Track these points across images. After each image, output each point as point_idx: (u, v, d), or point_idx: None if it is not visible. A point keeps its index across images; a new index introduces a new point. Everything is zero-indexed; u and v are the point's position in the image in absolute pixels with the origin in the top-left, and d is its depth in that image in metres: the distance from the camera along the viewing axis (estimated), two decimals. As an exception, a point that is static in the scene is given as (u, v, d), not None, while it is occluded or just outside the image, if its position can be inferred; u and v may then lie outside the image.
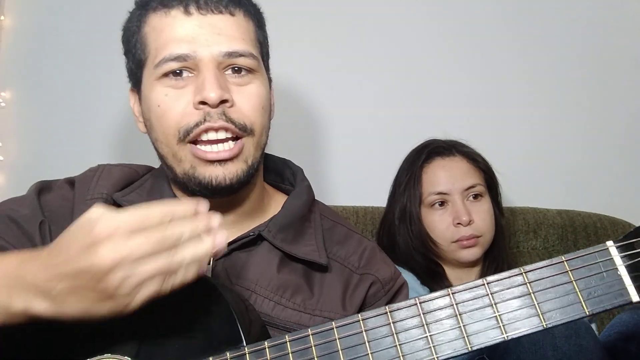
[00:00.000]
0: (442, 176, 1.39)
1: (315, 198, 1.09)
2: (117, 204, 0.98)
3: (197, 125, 0.89)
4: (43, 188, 0.99)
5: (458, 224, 1.35)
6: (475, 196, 1.39)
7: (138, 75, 0.96)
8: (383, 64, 1.74)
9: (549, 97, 1.75)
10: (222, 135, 0.90)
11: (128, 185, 1.02)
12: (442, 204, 1.39)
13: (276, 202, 1.05)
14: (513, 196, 1.65)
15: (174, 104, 0.90)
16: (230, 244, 0.94)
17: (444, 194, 1.38)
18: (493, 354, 0.93)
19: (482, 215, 1.37)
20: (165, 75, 0.90)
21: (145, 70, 0.94)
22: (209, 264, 0.93)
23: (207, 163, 0.90)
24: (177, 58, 0.89)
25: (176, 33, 0.90)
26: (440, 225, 1.37)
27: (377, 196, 1.51)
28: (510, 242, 1.52)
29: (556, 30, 1.76)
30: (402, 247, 1.39)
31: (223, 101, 0.89)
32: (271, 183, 1.10)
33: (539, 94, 1.75)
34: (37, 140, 1.67)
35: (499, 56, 1.76)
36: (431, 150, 1.43)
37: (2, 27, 1.68)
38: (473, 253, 1.36)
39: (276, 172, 1.12)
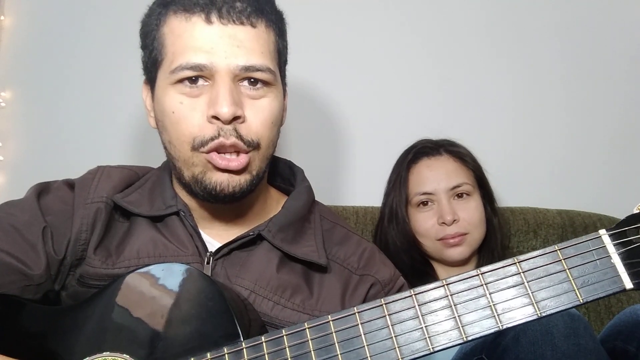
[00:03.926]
0: (428, 176, 1.39)
1: (316, 198, 1.10)
2: (118, 206, 0.98)
3: (212, 139, 0.89)
4: (42, 191, 0.99)
5: (442, 223, 1.35)
6: (462, 195, 1.38)
7: (153, 73, 0.96)
8: (382, 66, 1.74)
9: (550, 97, 1.76)
10: (230, 155, 0.91)
11: (128, 186, 1.02)
12: (427, 203, 1.38)
13: (277, 204, 1.05)
14: (513, 196, 1.64)
15: (189, 113, 0.90)
16: (229, 243, 0.95)
17: (429, 193, 1.38)
18: (492, 354, 0.93)
19: (469, 213, 1.36)
20: (180, 81, 0.90)
21: (161, 71, 0.93)
22: (208, 263, 0.94)
23: (217, 170, 0.90)
24: (193, 67, 0.88)
25: (195, 41, 0.89)
26: (424, 224, 1.37)
27: (377, 196, 1.51)
28: (510, 242, 1.51)
29: (554, 29, 1.77)
30: (391, 247, 1.40)
31: (235, 117, 0.89)
32: (275, 185, 1.11)
33: (541, 94, 1.76)
34: (37, 140, 1.68)
35: (517, 57, 1.76)
36: (418, 151, 1.44)
37: (2, 27, 1.69)
38: (460, 252, 1.36)
39: (280, 174, 1.12)
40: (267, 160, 0.97)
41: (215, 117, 0.88)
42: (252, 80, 0.91)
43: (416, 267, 1.38)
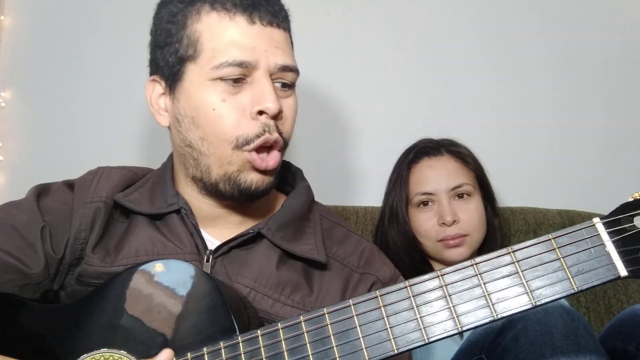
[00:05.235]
0: (428, 176, 1.38)
1: (316, 198, 1.10)
2: (118, 205, 0.99)
3: (257, 136, 0.91)
4: (41, 192, 1.00)
5: (442, 223, 1.34)
6: (462, 195, 1.37)
7: (177, 69, 0.95)
8: (383, 66, 1.74)
9: (550, 98, 1.76)
10: (265, 155, 0.93)
11: (128, 187, 1.03)
12: (428, 203, 1.38)
13: (277, 203, 1.06)
14: (513, 196, 1.64)
15: (231, 111, 0.91)
16: (229, 242, 0.95)
17: (430, 194, 1.37)
18: (492, 354, 0.93)
19: (469, 214, 1.36)
20: (221, 78, 0.91)
21: (194, 67, 0.93)
22: (207, 261, 0.94)
23: (253, 170, 0.93)
24: (240, 64, 0.90)
25: (239, 39, 0.91)
26: (425, 224, 1.37)
27: (377, 196, 1.51)
28: (511, 243, 1.50)
29: (557, 29, 1.78)
30: (391, 247, 1.39)
31: (279, 112, 0.92)
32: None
33: (540, 96, 1.76)
34: (37, 140, 1.68)
35: (518, 58, 1.77)
36: (419, 150, 1.43)
37: (2, 27, 1.70)
38: (459, 253, 1.35)
39: (280, 175, 1.13)
40: None
41: (261, 113, 0.91)
42: (283, 82, 0.95)
43: (416, 267, 1.38)
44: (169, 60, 0.96)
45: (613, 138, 1.75)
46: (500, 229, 1.45)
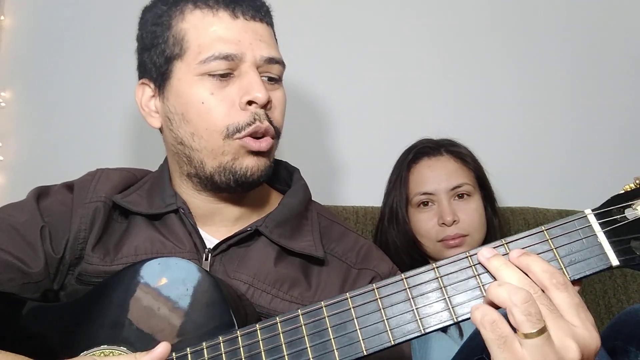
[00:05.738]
0: (428, 176, 1.39)
1: (316, 198, 1.11)
2: (117, 206, 1.00)
3: (248, 124, 0.92)
4: (41, 193, 1.01)
5: (442, 223, 1.35)
6: (462, 195, 1.38)
7: (165, 69, 0.97)
8: (384, 65, 1.75)
9: (550, 98, 1.76)
10: (263, 139, 0.95)
11: (127, 188, 1.04)
12: (428, 203, 1.39)
13: (274, 201, 1.07)
14: (513, 196, 1.65)
15: (220, 102, 0.93)
16: (227, 239, 0.96)
17: (430, 194, 1.38)
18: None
19: (469, 214, 1.36)
20: (209, 74, 0.93)
21: (181, 64, 0.95)
22: (206, 259, 0.95)
23: (249, 154, 0.94)
24: (226, 57, 0.92)
25: (224, 33, 0.94)
26: (425, 225, 1.38)
27: (377, 196, 1.51)
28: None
29: (557, 30, 1.79)
30: (391, 247, 1.40)
31: (268, 102, 0.94)
32: (272, 186, 1.12)
33: (542, 95, 1.76)
34: (37, 140, 1.69)
35: (507, 58, 1.78)
36: (418, 150, 1.44)
37: (2, 27, 1.71)
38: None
39: (276, 174, 1.13)
40: None
41: (250, 103, 0.92)
42: (269, 75, 0.97)
43: (416, 267, 1.37)
44: (156, 61, 0.98)
45: (614, 138, 1.76)
46: (500, 229, 1.45)
